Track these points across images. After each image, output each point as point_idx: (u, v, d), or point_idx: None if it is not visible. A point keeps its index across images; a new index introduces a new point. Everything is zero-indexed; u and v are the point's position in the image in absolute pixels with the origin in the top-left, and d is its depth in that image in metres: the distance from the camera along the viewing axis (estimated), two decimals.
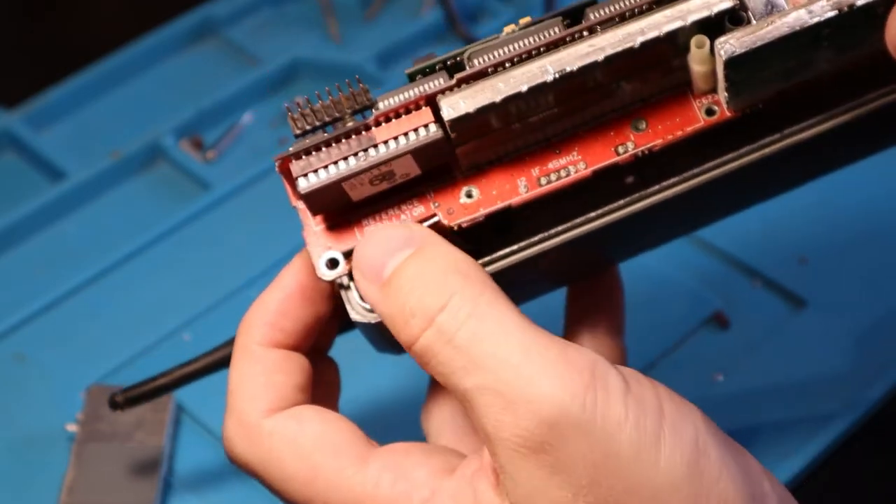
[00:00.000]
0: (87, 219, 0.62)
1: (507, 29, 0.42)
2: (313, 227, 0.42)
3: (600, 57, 0.40)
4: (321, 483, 0.39)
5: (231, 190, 0.62)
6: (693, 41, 0.40)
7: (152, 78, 0.68)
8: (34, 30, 0.73)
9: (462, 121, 0.40)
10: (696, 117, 0.42)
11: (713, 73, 0.41)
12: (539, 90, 0.40)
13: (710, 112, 0.41)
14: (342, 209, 0.42)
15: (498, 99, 0.40)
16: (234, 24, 0.70)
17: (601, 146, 0.41)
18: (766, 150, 0.42)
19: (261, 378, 0.42)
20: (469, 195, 0.42)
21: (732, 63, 0.40)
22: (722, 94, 0.41)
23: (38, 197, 0.61)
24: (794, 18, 0.39)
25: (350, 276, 0.42)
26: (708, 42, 0.40)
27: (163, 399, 0.53)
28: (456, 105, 0.40)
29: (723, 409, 0.53)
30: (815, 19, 0.39)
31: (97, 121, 0.66)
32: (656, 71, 0.41)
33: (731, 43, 0.39)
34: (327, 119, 0.41)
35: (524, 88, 0.40)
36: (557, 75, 0.40)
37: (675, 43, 0.40)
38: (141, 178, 0.63)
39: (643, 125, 0.42)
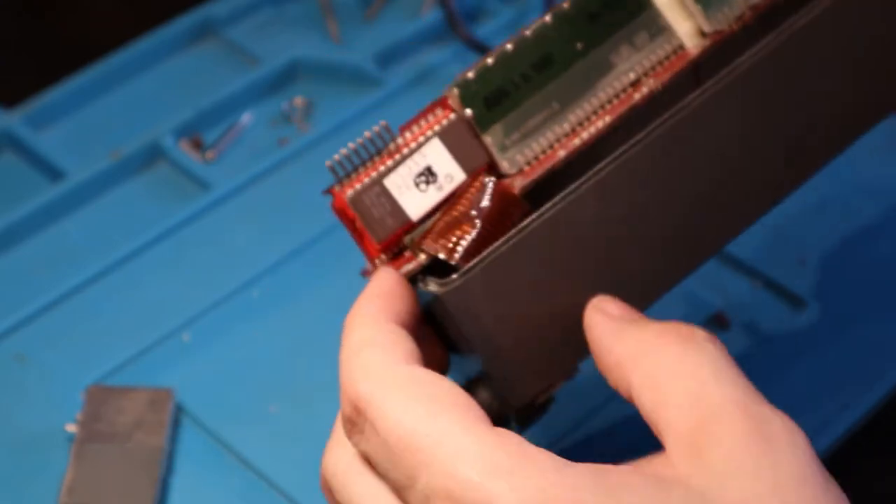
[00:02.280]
0: (87, 219, 0.62)
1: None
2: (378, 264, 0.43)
3: (566, 6, 0.43)
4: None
5: (231, 190, 0.62)
6: None
7: (152, 78, 0.68)
8: (34, 30, 0.73)
9: (470, 86, 0.41)
10: (689, 53, 0.44)
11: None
12: (534, 43, 0.43)
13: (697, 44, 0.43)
14: (407, 230, 0.42)
15: (491, 60, 0.42)
16: (234, 24, 0.70)
17: (619, 104, 0.43)
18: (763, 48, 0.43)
19: (395, 336, 0.40)
20: (513, 184, 0.42)
21: None
22: (699, 15, 0.43)
23: (37, 197, 0.61)
24: None
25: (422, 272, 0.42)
26: None
27: (162, 399, 0.53)
28: (462, 74, 0.41)
29: None
30: None
31: (97, 121, 0.66)
32: (639, 31, 0.43)
33: None
34: (365, 157, 0.42)
35: (510, 48, 0.42)
36: (534, 29, 0.43)
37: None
38: (141, 178, 0.63)
39: (651, 81, 0.43)
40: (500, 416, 0.42)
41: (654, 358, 0.39)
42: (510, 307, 0.41)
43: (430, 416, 0.37)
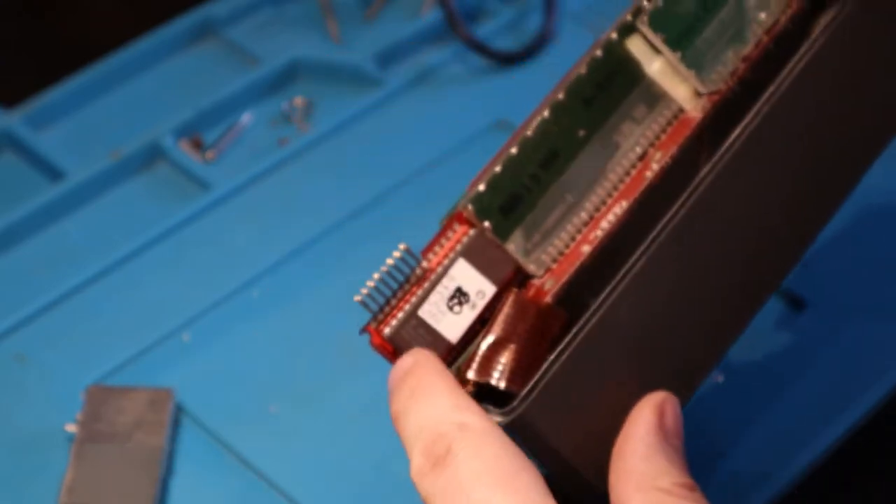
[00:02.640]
0: (87, 219, 0.62)
1: None
2: None
3: (560, 97, 0.43)
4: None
5: (231, 190, 0.62)
6: (628, 47, 0.43)
7: (152, 78, 0.68)
8: (34, 30, 0.73)
9: (482, 200, 0.42)
10: (695, 117, 0.43)
11: (670, 66, 0.43)
12: (538, 139, 0.43)
13: (705, 109, 0.43)
14: (447, 356, 0.42)
15: (501, 164, 0.42)
16: (234, 24, 0.70)
17: (633, 185, 0.43)
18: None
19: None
20: (545, 287, 0.42)
21: (653, 19, 0.42)
22: (692, 79, 0.43)
23: (37, 197, 0.61)
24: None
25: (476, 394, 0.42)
26: (636, 40, 0.43)
27: (162, 399, 0.53)
28: (472, 191, 0.42)
29: (723, 409, 0.53)
30: None
31: (97, 121, 0.66)
32: (638, 104, 0.43)
33: (645, 5, 0.43)
34: (392, 286, 0.42)
35: (515, 149, 0.42)
36: (539, 121, 0.43)
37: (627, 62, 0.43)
38: (141, 178, 0.63)
39: (659, 154, 0.43)
40: None
41: (662, 497, 0.39)
42: (572, 421, 0.41)
43: (515, 472, 0.38)
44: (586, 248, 0.42)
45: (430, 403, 0.40)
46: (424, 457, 0.39)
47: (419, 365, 0.41)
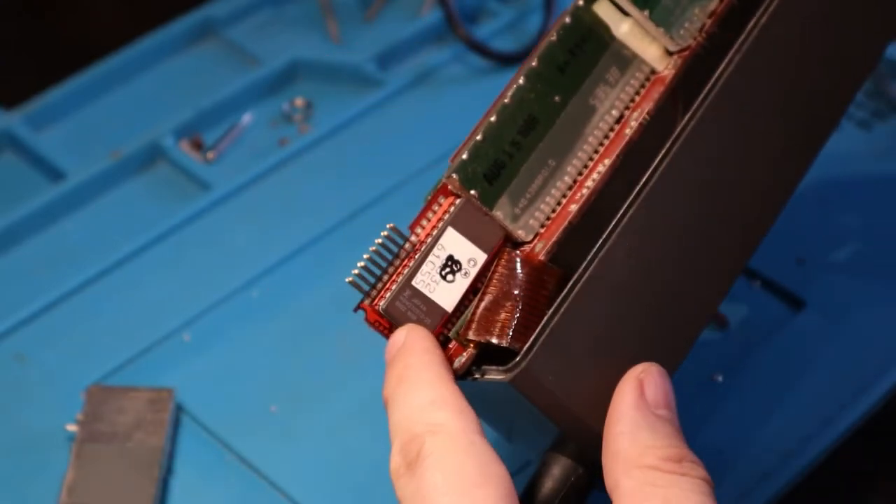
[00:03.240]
0: (87, 219, 0.62)
1: None
2: None
3: (534, 63, 0.44)
4: None
5: (231, 190, 0.62)
6: (595, 11, 0.44)
7: (152, 78, 0.68)
8: (34, 30, 0.73)
9: (466, 169, 0.42)
10: (667, 74, 0.44)
11: (639, 27, 0.44)
12: (515, 105, 0.43)
13: (677, 66, 0.44)
14: (444, 323, 0.42)
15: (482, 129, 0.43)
16: (234, 24, 0.70)
17: (614, 144, 0.44)
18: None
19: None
20: (535, 249, 0.43)
21: None
22: (664, 38, 0.44)
23: (38, 197, 0.61)
24: None
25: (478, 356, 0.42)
26: (603, 4, 0.44)
27: (163, 399, 0.53)
28: (455, 161, 0.42)
29: (722, 409, 0.53)
30: None
31: (97, 121, 0.66)
32: (610, 68, 0.44)
33: None
34: (383, 264, 0.42)
35: (494, 116, 0.43)
36: (515, 87, 0.43)
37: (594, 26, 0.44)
38: (141, 178, 0.63)
39: (637, 113, 0.44)
40: (588, 484, 0.42)
41: (650, 475, 0.39)
42: (576, 374, 0.41)
43: (478, 484, 0.38)
44: (573, 208, 0.43)
45: (411, 395, 0.40)
46: (401, 455, 0.40)
47: (408, 347, 0.41)
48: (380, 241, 0.42)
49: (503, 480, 0.39)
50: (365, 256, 0.42)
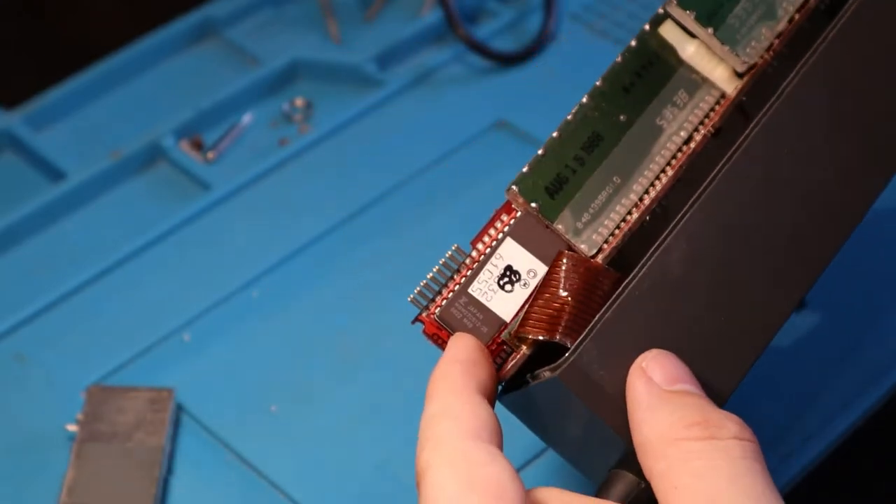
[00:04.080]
0: (87, 219, 0.62)
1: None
2: None
3: (598, 83, 0.44)
4: None
5: (231, 190, 0.62)
6: (661, 34, 0.44)
7: (152, 78, 0.68)
8: (34, 30, 0.73)
9: (526, 183, 0.42)
10: (734, 93, 0.44)
11: (705, 48, 0.44)
12: (578, 126, 0.43)
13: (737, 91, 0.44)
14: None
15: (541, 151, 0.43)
16: (234, 24, 0.70)
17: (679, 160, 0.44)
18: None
19: (474, 407, 0.40)
20: (595, 255, 0.43)
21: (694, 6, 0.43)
22: (730, 57, 0.44)
23: (38, 197, 0.61)
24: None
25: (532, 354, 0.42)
26: (668, 26, 0.44)
27: (163, 399, 0.53)
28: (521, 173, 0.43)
29: (722, 409, 0.53)
30: None
31: (97, 121, 0.66)
32: (677, 90, 0.44)
33: None
34: (443, 282, 0.42)
35: (556, 133, 0.43)
36: (574, 111, 0.44)
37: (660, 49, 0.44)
38: (141, 178, 0.63)
39: (702, 131, 0.44)
40: (650, 499, 0.40)
41: (679, 450, 0.38)
42: (624, 371, 0.40)
43: (461, 497, 0.38)
44: (634, 216, 0.43)
45: (427, 408, 0.40)
46: (416, 468, 0.40)
47: (443, 357, 0.41)
48: (443, 260, 0.42)
49: (493, 484, 0.38)
50: (428, 276, 0.42)
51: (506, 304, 0.42)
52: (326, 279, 0.59)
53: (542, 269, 0.42)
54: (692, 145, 0.44)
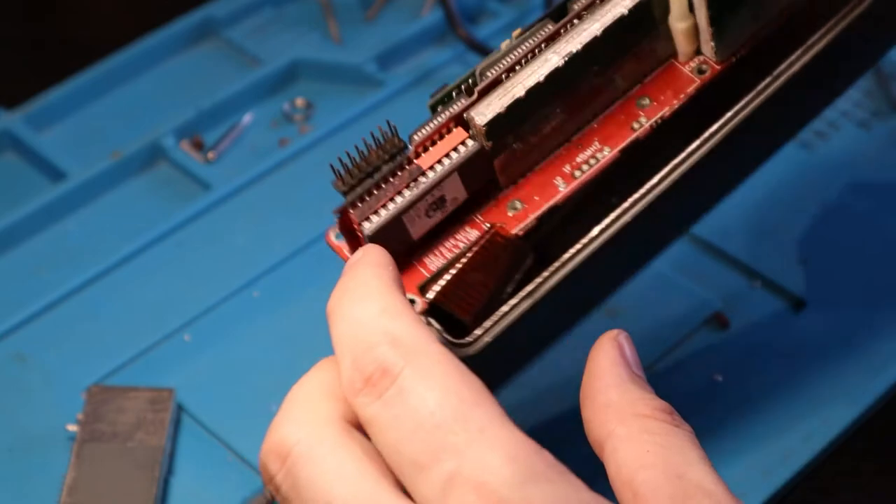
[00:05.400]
0: (87, 219, 0.62)
1: (504, 44, 0.44)
2: None
3: (598, 32, 0.42)
4: None
5: (231, 190, 0.62)
6: None
7: (152, 78, 0.68)
8: (34, 30, 0.73)
9: (495, 124, 0.42)
10: (690, 79, 0.44)
11: (695, 28, 0.44)
12: (553, 78, 0.42)
13: (700, 71, 0.44)
14: (405, 251, 0.42)
15: (522, 93, 0.42)
16: (234, 24, 0.70)
17: (617, 129, 0.44)
18: (766, 90, 0.44)
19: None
20: (514, 207, 0.43)
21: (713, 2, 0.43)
22: (707, 46, 0.44)
23: (38, 197, 0.61)
24: None
25: (428, 311, 0.42)
26: None
27: (163, 399, 0.53)
28: (486, 111, 0.42)
29: (722, 409, 0.53)
30: None
31: (97, 121, 0.66)
32: (645, 44, 0.44)
33: None
34: (369, 170, 0.41)
35: (541, 78, 0.42)
36: (566, 59, 0.42)
37: (657, 5, 0.43)
38: (141, 178, 0.63)
39: (647, 101, 0.44)
40: None
41: (646, 423, 0.38)
42: (514, 353, 0.43)
43: (475, 402, 0.36)
44: (562, 188, 0.43)
45: (360, 305, 0.38)
46: (356, 370, 0.37)
47: (361, 260, 0.39)
48: (376, 145, 0.42)
49: (493, 398, 0.36)
50: (357, 149, 0.41)
51: (421, 225, 0.42)
52: (326, 279, 0.58)
53: (462, 197, 0.42)
54: (636, 126, 0.44)
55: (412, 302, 0.41)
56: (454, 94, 0.43)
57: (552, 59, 0.42)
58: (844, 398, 0.53)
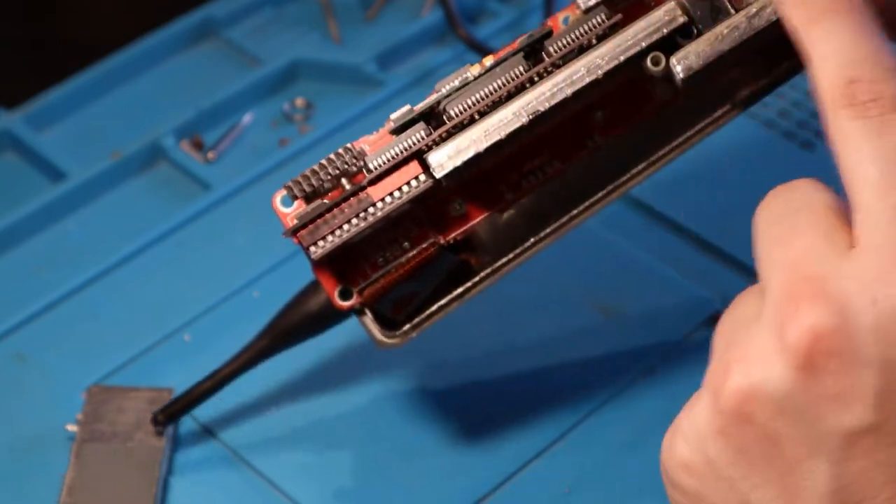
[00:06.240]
0: (87, 219, 0.62)
1: (473, 70, 0.45)
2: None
3: (568, 93, 0.43)
4: None
5: (231, 190, 0.62)
6: (649, 59, 0.43)
7: (152, 78, 0.68)
8: (34, 30, 0.73)
9: (453, 174, 0.44)
10: (653, 100, 0.45)
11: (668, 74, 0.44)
12: (515, 134, 0.43)
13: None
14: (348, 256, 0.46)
15: (482, 149, 0.43)
16: (234, 24, 0.70)
17: (570, 142, 0.45)
18: None
19: None
20: (456, 209, 0.46)
21: (690, 78, 0.43)
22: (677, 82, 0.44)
23: (38, 197, 0.61)
24: (743, 27, 0.43)
25: (362, 306, 0.47)
26: (664, 59, 0.43)
27: (163, 399, 0.53)
28: (444, 163, 0.44)
29: None
30: (763, 23, 0.43)
31: (97, 121, 0.66)
32: (617, 85, 0.45)
33: (689, 60, 0.43)
34: (324, 182, 0.45)
35: (503, 135, 0.43)
36: (530, 118, 0.43)
37: (633, 63, 0.43)
38: (141, 178, 0.63)
39: (599, 115, 0.46)
40: None
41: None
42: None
43: None
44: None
45: (862, 33, 0.37)
46: (856, 89, 0.37)
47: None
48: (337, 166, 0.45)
49: None
50: (317, 169, 0.45)
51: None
52: None
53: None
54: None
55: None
56: (415, 120, 0.45)
57: (520, 116, 0.43)
58: None
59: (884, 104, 0.37)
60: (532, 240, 0.46)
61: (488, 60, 0.45)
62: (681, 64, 0.43)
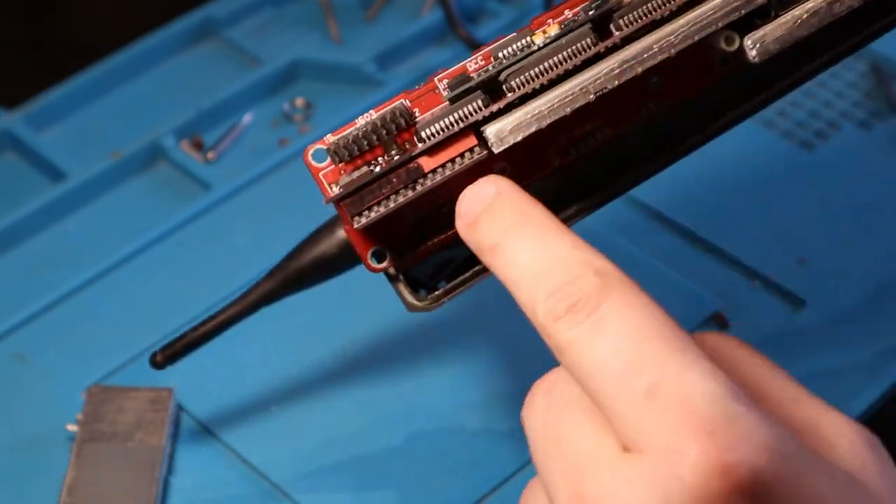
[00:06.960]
0: (87, 219, 0.62)
1: (537, 39, 0.42)
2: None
3: (638, 71, 0.41)
4: None
5: (231, 190, 0.62)
6: (723, 39, 0.41)
7: (152, 78, 0.68)
8: (34, 30, 0.73)
9: (512, 149, 0.41)
10: (714, 71, 0.43)
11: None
12: (580, 111, 0.41)
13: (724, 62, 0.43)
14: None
15: (544, 125, 0.41)
16: (234, 24, 0.70)
17: (623, 109, 0.43)
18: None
19: None
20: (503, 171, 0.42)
21: (765, 62, 0.41)
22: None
23: (38, 197, 0.61)
24: (823, 12, 0.41)
25: (395, 268, 0.44)
26: (738, 39, 0.41)
27: (163, 399, 0.53)
28: (504, 137, 0.41)
29: None
30: (843, 10, 0.41)
31: (97, 121, 0.66)
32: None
33: (766, 44, 0.41)
34: (367, 144, 0.42)
35: (567, 111, 0.41)
36: (596, 95, 0.41)
37: (706, 44, 0.41)
38: (141, 178, 0.63)
39: (655, 81, 0.43)
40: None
41: None
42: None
43: (675, 326, 0.36)
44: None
45: (549, 238, 0.38)
46: (558, 300, 0.37)
47: (512, 195, 0.39)
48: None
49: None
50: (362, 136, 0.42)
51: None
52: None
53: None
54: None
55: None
56: (473, 89, 0.43)
57: (587, 93, 0.41)
58: (844, 398, 0.53)
59: (589, 300, 0.36)
60: (575, 208, 0.43)
61: (552, 29, 0.42)
62: (757, 47, 0.41)
